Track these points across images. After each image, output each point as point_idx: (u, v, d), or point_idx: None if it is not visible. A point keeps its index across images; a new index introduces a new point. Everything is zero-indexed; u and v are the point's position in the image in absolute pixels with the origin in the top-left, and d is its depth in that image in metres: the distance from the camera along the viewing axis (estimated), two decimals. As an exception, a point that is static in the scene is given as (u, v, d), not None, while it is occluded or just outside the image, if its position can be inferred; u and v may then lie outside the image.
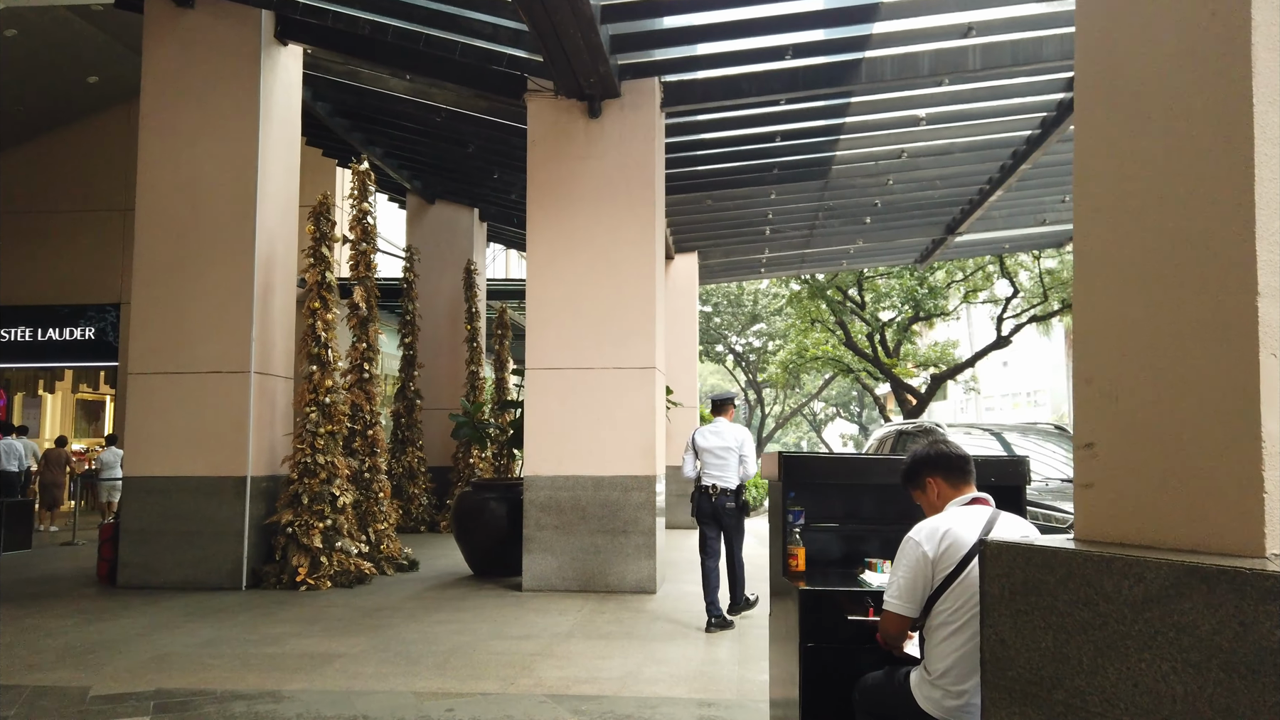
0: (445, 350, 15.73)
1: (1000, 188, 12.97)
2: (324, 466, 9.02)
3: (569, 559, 8.52)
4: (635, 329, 8.67)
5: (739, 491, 7.48)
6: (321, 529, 8.87)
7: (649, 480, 8.53)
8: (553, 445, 8.64)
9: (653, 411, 8.60)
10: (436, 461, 14.99)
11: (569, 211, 8.85)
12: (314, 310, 9.24)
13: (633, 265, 8.72)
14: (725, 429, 7.60)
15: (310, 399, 9.15)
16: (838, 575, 3.71)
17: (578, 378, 8.69)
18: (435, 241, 15.92)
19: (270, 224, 9.29)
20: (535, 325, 8.81)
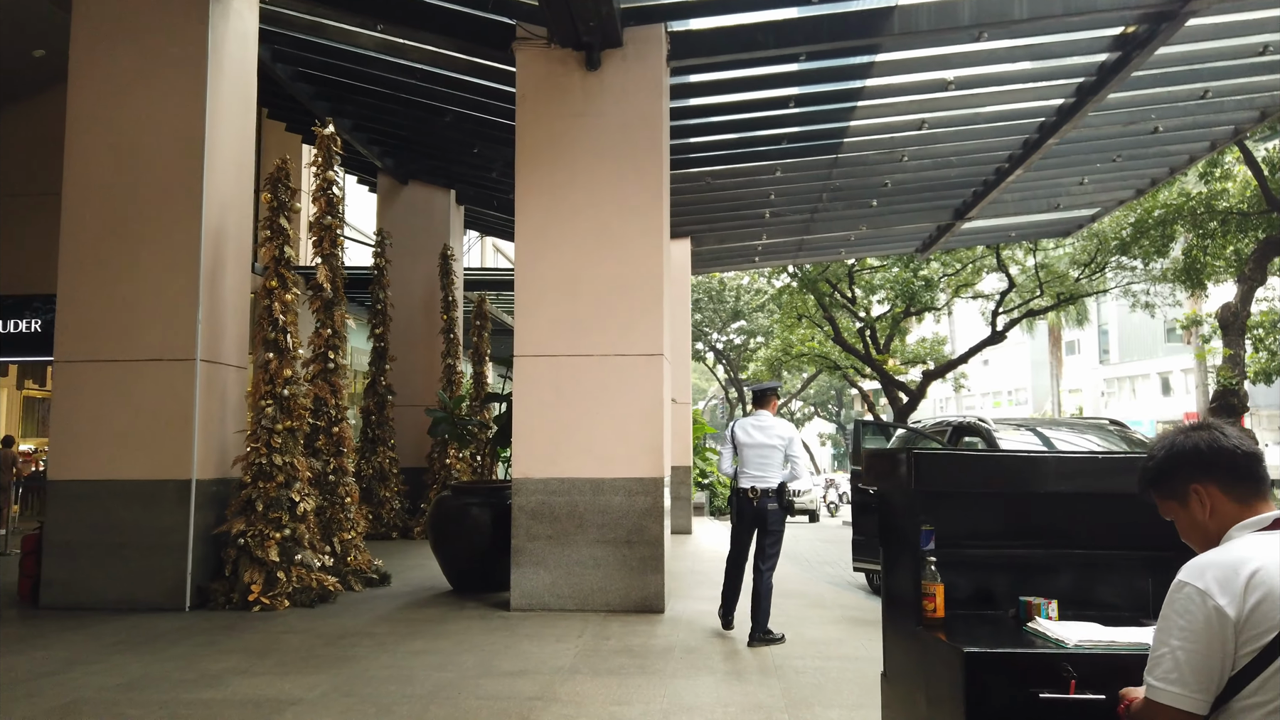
0: (419, 342, 14.58)
1: (1021, 165, 12.02)
2: (281, 468, 7.88)
3: (564, 574, 7.43)
4: (640, 311, 7.60)
5: (781, 491, 6.65)
6: (278, 540, 7.73)
7: (656, 483, 7.46)
8: (545, 443, 7.56)
9: (660, 405, 7.53)
10: (410, 462, 13.85)
11: (563, 176, 7.76)
12: (270, 290, 8.08)
13: (637, 238, 7.65)
14: (769, 423, 6.77)
15: (266, 391, 8.00)
16: (986, 624, 2.66)
17: (574, 366, 7.60)
18: (409, 225, 14.75)
19: (221, 192, 8.13)
20: (525, 307, 7.71)
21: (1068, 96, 10.11)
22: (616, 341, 7.59)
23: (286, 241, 8.16)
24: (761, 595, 6.54)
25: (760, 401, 6.98)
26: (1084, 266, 23.54)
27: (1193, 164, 13.52)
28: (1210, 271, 19.89)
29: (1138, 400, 44.53)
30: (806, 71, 9.22)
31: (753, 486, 6.66)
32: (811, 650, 6.14)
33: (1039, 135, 11.16)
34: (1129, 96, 10.41)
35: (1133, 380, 46.20)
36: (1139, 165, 13.25)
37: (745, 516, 6.70)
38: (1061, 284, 24.42)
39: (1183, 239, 19.83)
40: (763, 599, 6.54)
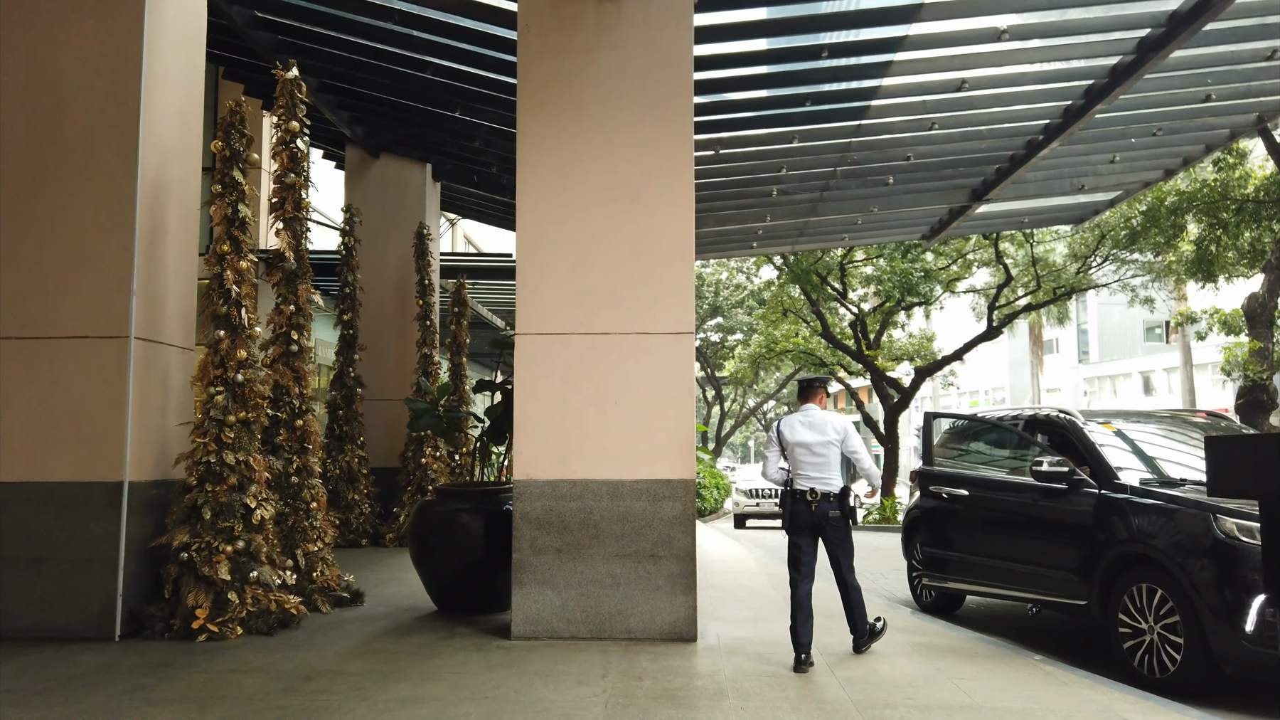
0: (391, 330, 13.26)
1: (1058, 137, 10.94)
2: (234, 468, 6.58)
3: (577, 594, 6.20)
4: (665, 281, 6.39)
5: (844, 496, 5.93)
6: (230, 554, 6.44)
7: (685, 486, 6.26)
8: (553, 439, 6.32)
9: (689, 392, 6.33)
10: (381, 462, 12.55)
11: (573, 122, 6.54)
12: (221, 255, 6.78)
13: (661, 194, 6.44)
14: (820, 418, 5.97)
15: (216, 376, 6.70)
16: None
17: (586, 347, 6.38)
18: (380, 202, 13.43)
19: (162, 140, 6.83)
20: (529, 277, 6.47)
21: (1125, 53, 9.04)
22: (637, 317, 6.38)
23: (241, 198, 6.85)
24: (851, 595, 5.98)
25: (807, 394, 6.13)
26: (1083, 260, 22.66)
27: (1234, 140, 12.55)
28: (1222, 263, 19.06)
29: (1119, 400, 44.04)
30: (845, 13, 8.06)
31: (811, 489, 5.85)
32: (900, 696, 4.96)
33: (1084, 101, 10.09)
34: (1190, 56, 9.38)
35: (1113, 380, 45.72)
36: (1176, 142, 12.25)
37: (801, 522, 5.86)
38: (1058, 278, 23.55)
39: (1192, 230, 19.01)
40: (854, 602, 5.98)
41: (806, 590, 5.78)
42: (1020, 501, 6.90)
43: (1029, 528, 6.83)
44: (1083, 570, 6.11)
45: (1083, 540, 6.16)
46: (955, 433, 8.06)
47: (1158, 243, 19.18)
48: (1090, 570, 6.03)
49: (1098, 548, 5.99)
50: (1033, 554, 6.67)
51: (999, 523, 7.13)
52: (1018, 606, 7.71)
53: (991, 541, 7.11)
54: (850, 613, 5.99)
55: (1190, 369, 34.54)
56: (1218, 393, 37.40)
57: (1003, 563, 6.90)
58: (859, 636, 6.00)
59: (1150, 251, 20.14)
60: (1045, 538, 6.60)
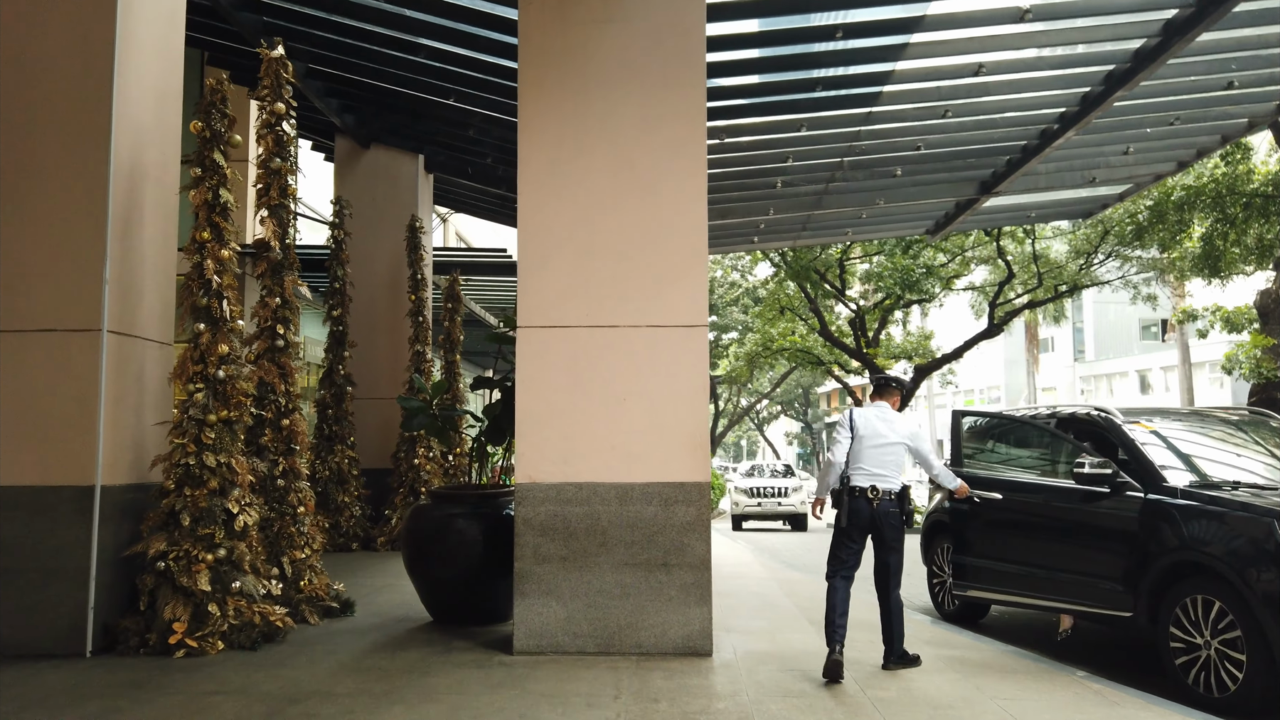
0: (383, 327, 12.82)
1: (1074, 126, 10.58)
2: (215, 471, 6.14)
3: (583, 605, 5.78)
4: (676, 269, 5.98)
5: (903, 496, 5.72)
6: (211, 563, 5.99)
7: (699, 490, 5.84)
8: (557, 439, 5.90)
9: (703, 388, 5.92)
10: (372, 463, 12.10)
11: (578, 100, 6.11)
12: (201, 243, 6.33)
13: (672, 176, 6.03)
14: (893, 417, 5.87)
15: (196, 372, 6.25)
16: None
17: (593, 341, 5.96)
18: (371, 195, 12.99)
19: (137, 121, 6.38)
20: (530, 265, 6.05)
21: (1150, 35, 8.66)
22: (646, 309, 5.96)
23: (223, 182, 6.40)
24: (893, 616, 5.63)
25: (882, 393, 6.05)
26: (1085, 256, 22.32)
27: (1252, 130, 12.21)
28: (1229, 259, 18.73)
29: (1115, 399, 43.79)
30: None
31: (872, 486, 5.61)
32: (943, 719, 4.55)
33: (1104, 87, 9.71)
34: (1216, 39, 9.01)
35: (1110, 378, 45.49)
36: (1193, 132, 11.89)
37: (860, 520, 5.62)
38: (1059, 275, 23.21)
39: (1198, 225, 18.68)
40: (894, 620, 5.62)
41: (847, 589, 5.55)
42: (1057, 505, 6.47)
43: (1067, 533, 6.41)
44: (1128, 580, 5.70)
45: (1128, 547, 5.76)
46: (983, 432, 7.64)
47: (1164, 238, 18.84)
48: (1137, 580, 5.62)
49: (1145, 556, 5.59)
50: (1071, 562, 6.25)
51: (1033, 528, 6.70)
52: (1043, 616, 7.29)
53: (1025, 548, 6.68)
54: (889, 631, 5.63)
55: (1189, 368, 34.29)
56: (1216, 391, 37.19)
57: (1038, 571, 6.47)
58: (890, 652, 5.60)
59: (1156, 248, 19.78)
60: (1086, 544, 6.20)
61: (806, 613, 7.38)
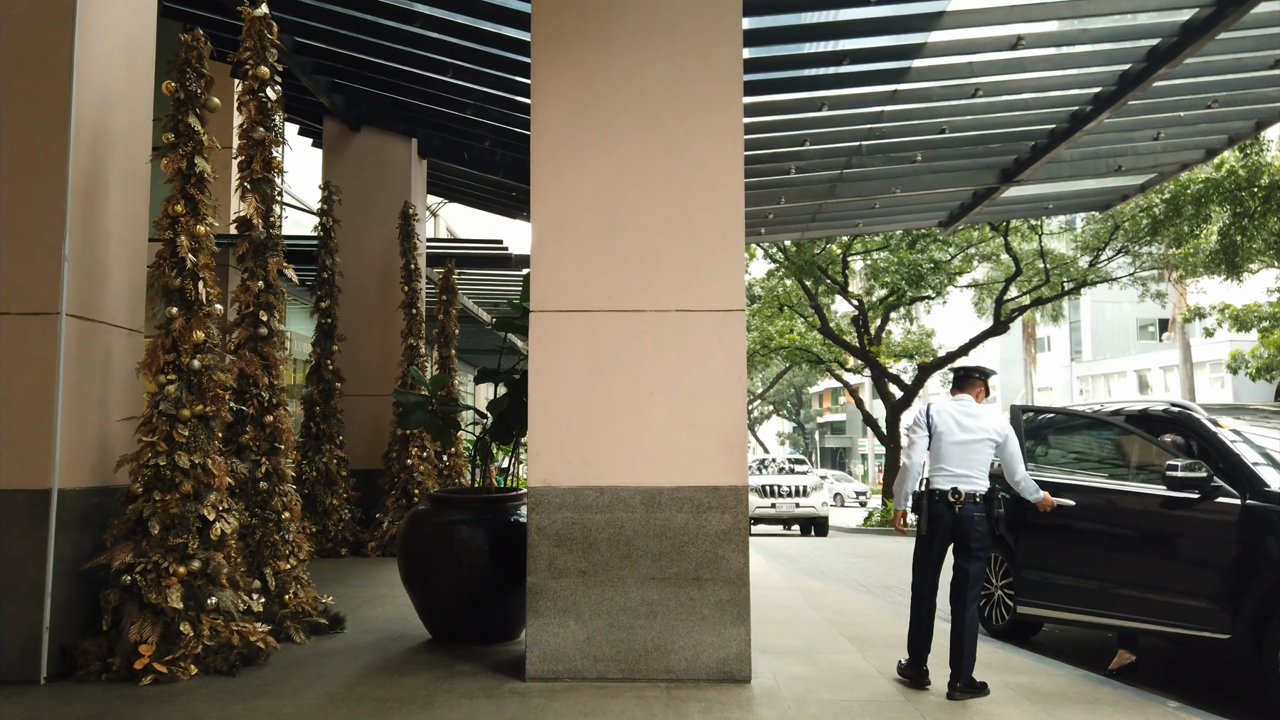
0: (374, 320, 12.14)
1: (1108, 108, 9.99)
2: (189, 473, 5.46)
3: (605, 626, 5.12)
4: (711, 245, 5.33)
5: (990, 499, 5.22)
6: (183, 576, 5.31)
7: (736, 495, 5.19)
8: (576, 437, 5.24)
9: (740, 381, 5.27)
10: (362, 463, 11.42)
11: (599, 54, 5.45)
12: (174, 217, 5.64)
13: (705, 140, 5.37)
14: (978, 412, 5.37)
15: (168, 362, 5.57)
16: None
17: (616, 327, 5.30)
18: (362, 180, 12.31)
19: (103, 81, 5.70)
20: (545, 242, 5.38)
21: (1204, 5, 8.07)
22: (677, 291, 5.30)
23: (199, 149, 5.71)
24: (964, 634, 5.04)
25: (964, 385, 5.53)
26: (1095, 252, 21.76)
27: (1288, 116, 11.64)
28: (1246, 254, 18.20)
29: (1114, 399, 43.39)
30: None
31: (954, 488, 5.16)
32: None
33: (1145, 64, 9.12)
34: (1271, 11, 8.43)
35: (1108, 378, 45.05)
36: (1229, 116, 11.32)
37: (941, 526, 5.20)
38: (1067, 272, 22.67)
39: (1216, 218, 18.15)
40: (966, 639, 5.03)
41: (930, 609, 5.20)
42: (1136, 512, 5.80)
43: (1149, 544, 5.75)
44: (1225, 598, 5.06)
45: (1224, 561, 5.13)
46: (1045, 431, 6.96)
47: (1181, 232, 18.30)
48: (1236, 598, 4.99)
49: (1247, 571, 4.96)
50: (1155, 576, 5.57)
51: (1108, 538, 5.98)
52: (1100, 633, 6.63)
53: (1098, 560, 5.96)
54: (958, 651, 5.03)
55: (1190, 367, 33.84)
56: (1218, 391, 36.77)
57: (1114, 586, 5.77)
58: (956, 677, 4.98)
59: (1173, 242, 19.22)
60: (1171, 557, 5.56)
61: (841, 628, 6.74)
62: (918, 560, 5.29)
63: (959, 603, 5.09)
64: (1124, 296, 43.28)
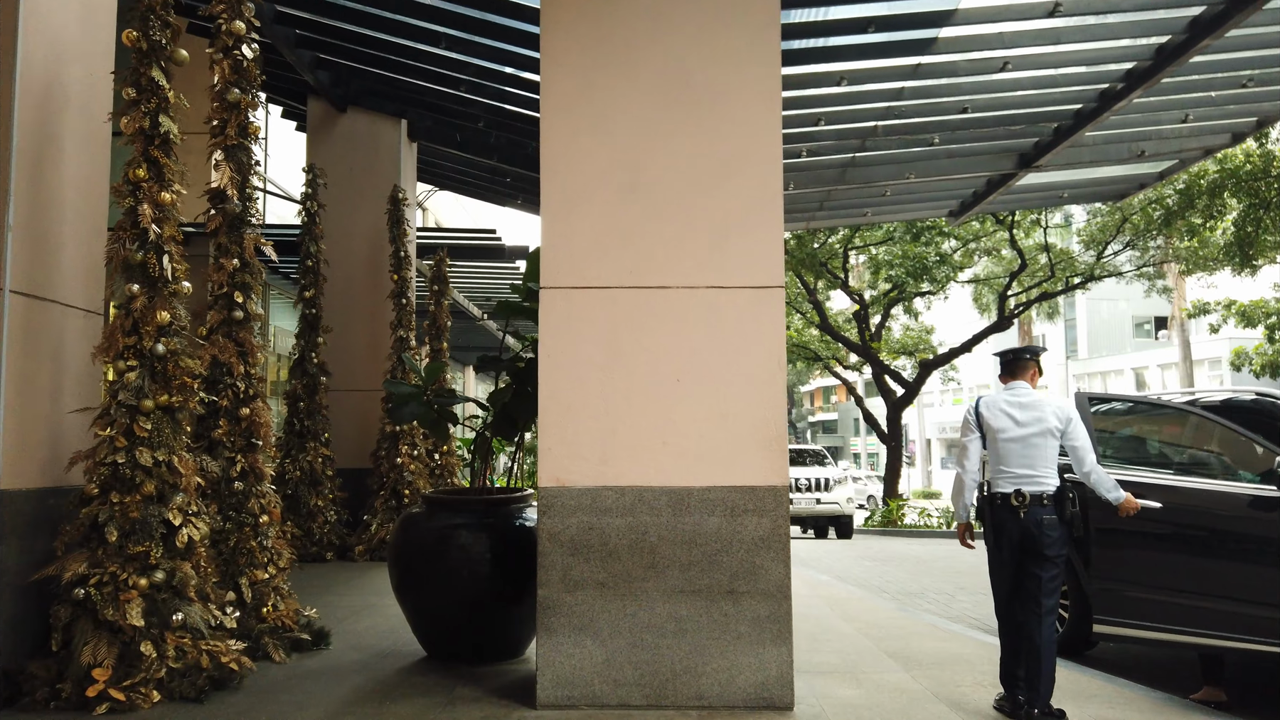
0: (361, 310, 11.48)
1: (1142, 85, 9.42)
2: (152, 471, 4.81)
3: (627, 645, 4.49)
4: (746, 214, 4.71)
5: (1060, 498, 4.64)
6: (145, 589, 4.67)
7: (776, 496, 4.57)
8: (593, 431, 4.61)
9: (779, 366, 4.65)
10: (349, 462, 10.76)
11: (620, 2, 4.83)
12: (136, 183, 4.99)
13: (737, 95, 4.75)
14: (1034, 400, 4.78)
15: (128, 347, 4.91)
16: None
17: (639, 305, 4.67)
18: (348, 164, 11.66)
19: (55, 32, 5.05)
20: (556, 209, 4.75)
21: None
22: (706, 264, 4.68)
23: (164, 107, 5.06)
24: (1041, 650, 4.47)
25: (1014, 369, 4.94)
26: (1102, 245, 21.24)
27: (1326, 96, 11.10)
28: (1261, 247, 17.70)
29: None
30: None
31: (1017, 491, 4.61)
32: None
33: (1187, 36, 8.55)
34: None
35: (1104, 376, 44.65)
36: (1262, 96, 10.76)
37: (1007, 534, 4.65)
38: (1072, 267, 22.16)
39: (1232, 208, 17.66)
40: (1043, 656, 4.46)
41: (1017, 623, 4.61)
42: (1232, 515, 5.16)
43: (1254, 553, 5.12)
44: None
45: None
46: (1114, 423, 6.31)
47: (1193, 224, 17.80)
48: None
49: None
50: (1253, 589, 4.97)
51: (1200, 544, 5.33)
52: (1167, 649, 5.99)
53: (1187, 571, 5.31)
54: (1035, 671, 4.46)
55: (1189, 364, 33.43)
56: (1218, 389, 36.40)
57: (1206, 601, 5.11)
58: (1036, 708, 4.39)
59: (1184, 234, 18.71)
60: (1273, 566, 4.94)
61: (879, 642, 6.13)
62: (994, 576, 4.73)
63: (1032, 613, 4.52)
64: (1120, 294, 42.94)
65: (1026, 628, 4.50)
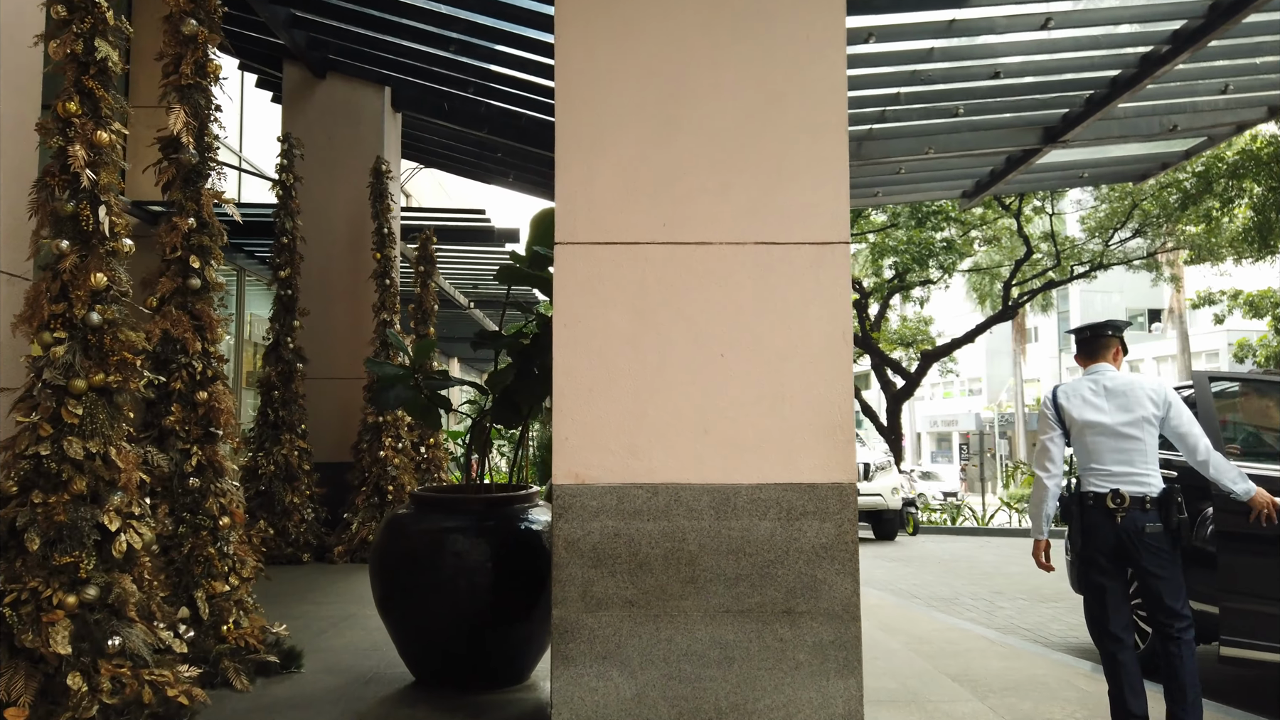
0: (341, 291, 10.67)
1: (1190, 48, 8.68)
2: (84, 466, 3.98)
3: (662, 676, 3.69)
4: (803, 155, 3.90)
5: (1167, 502, 3.83)
6: (73, 608, 3.84)
7: (841, 495, 3.77)
8: (618, 416, 3.79)
9: (845, 337, 3.85)
10: (327, 455, 9.93)
11: (649, -100, 4.01)
12: (66, 119, 4.14)
13: (789, 12, 3.94)
14: (1125, 384, 4.01)
15: (55, 315, 4.07)
16: None
17: (675, 264, 3.86)
18: (327, 134, 10.83)
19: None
20: (574, 147, 3.92)
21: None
22: (757, 216, 3.87)
23: (101, 29, 4.21)
24: (1182, 673, 3.72)
25: (1094, 349, 4.18)
26: (1110, 232, 20.57)
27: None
28: (1279, 233, 17.07)
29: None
30: None
31: (1114, 491, 3.85)
32: None
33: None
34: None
35: (1098, 369, 44.09)
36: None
37: (1102, 541, 3.88)
38: (1077, 255, 21.50)
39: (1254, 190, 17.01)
40: (1187, 685, 3.71)
41: (1131, 655, 3.82)
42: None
43: None
44: None
45: None
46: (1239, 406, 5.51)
47: (1211, 208, 17.14)
48: None
49: None
50: None
51: None
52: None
53: None
54: (1178, 697, 3.74)
55: (1188, 357, 32.93)
56: (1217, 382, 35.96)
57: None
58: None
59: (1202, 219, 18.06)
60: None
61: (934, 661, 5.37)
62: (1088, 592, 3.96)
63: (1164, 639, 3.77)
64: (1114, 286, 42.43)
65: (1166, 656, 3.74)
